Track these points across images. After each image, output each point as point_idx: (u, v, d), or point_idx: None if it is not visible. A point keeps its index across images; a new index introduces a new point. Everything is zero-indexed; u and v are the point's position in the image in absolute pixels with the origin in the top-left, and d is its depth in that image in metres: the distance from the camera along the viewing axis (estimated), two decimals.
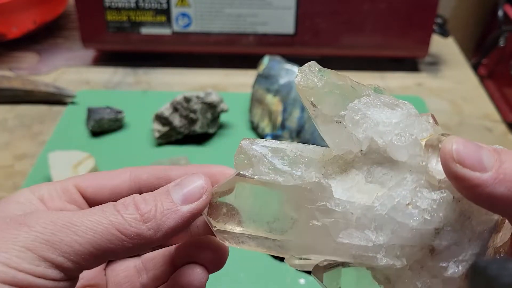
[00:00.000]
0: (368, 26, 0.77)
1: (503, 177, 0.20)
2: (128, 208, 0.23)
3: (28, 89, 0.71)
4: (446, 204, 0.22)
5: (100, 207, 0.24)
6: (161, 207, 0.24)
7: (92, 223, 0.22)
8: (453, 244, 0.23)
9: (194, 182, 0.25)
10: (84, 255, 0.22)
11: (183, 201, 0.25)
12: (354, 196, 0.23)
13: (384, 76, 0.80)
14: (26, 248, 0.21)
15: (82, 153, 0.57)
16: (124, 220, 0.23)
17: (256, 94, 0.66)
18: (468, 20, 1.25)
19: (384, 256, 0.23)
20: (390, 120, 0.24)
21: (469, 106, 0.74)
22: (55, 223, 0.22)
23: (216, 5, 0.76)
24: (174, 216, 0.24)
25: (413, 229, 0.22)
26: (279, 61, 0.68)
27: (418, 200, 0.22)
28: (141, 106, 0.71)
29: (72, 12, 0.92)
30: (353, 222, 0.23)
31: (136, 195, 0.25)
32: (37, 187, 0.27)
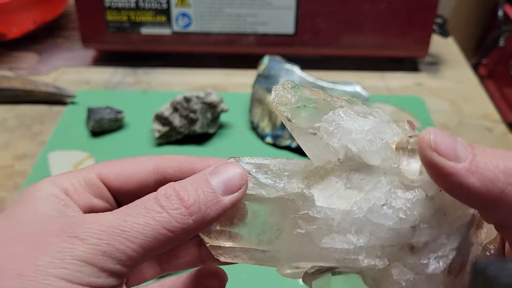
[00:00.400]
0: (368, 26, 0.77)
1: (475, 169, 0.21)
2: (172, 202, 0.23)
3: (28, 89, 0.71)
4: (420, 202, 0.23)
5: (142, 203, 0.23)
6: (204, 198, 0.23)
7: (141, 226, 0.22)
8: (431, 241, 0.23)
9: (232, 170, 0.25)
10: (137, 258, 0.22)
11: (224, 190, 0.24)
12: (335, 202, 0.24)
13: (384, 76, 0.81)
14: (85, 262, 0.21)
15: (82, 153, 0.57)
16: (171, 217, 0.23)
17: (256, 94, 0.66)
18: (468, 20, 1.25)
19: (365, 257, 0.24)
20: (362, 127, 0.25)
21: (469, 106, 0.74)
22: (106, 232, 0.22)
23: (216, 5, 0.76)
24: (216, 207, 0.24)
25: (390, 229, 0.23)
26: (279, 61, 0.68)
27: (392, 200, 0.23)
28: (141, 106, 0.71)
29: (72, 12, 0.92)
30: (335, 227, 0.24)
31: (175, 184, 0.24)
32: (58, 179, 0.26)
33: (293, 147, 0.62)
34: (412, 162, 0.24)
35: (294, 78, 0.65)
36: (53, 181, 0.26)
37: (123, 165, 0.28)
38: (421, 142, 0.22)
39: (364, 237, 0.24)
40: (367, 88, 0.66)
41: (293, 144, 0.62)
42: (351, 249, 0.24)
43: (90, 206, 0.27)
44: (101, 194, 0.27)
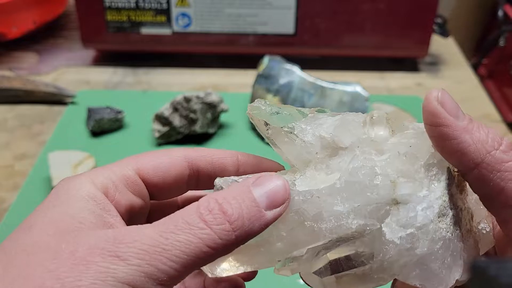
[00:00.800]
0: (368, 26, 0.77)
1: (470, 129, 0.23)
2: (215, 217, 0.22)
3: (28, 89, 0.71)
4: (394, 160, 0.25)
5: (183, 217, 0.22)
6: (248, 212, 0.22)
7: (183, 245, 0.21)
8: (413, 194, 0.24)
9: (276, 183, 0.24)
10: (177, 276, 0.21)
11: (267, 205, 0.23)
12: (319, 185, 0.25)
13: (384, 76, 0.81)
14: (127, 284, 0.20)
15: (82, 153, 0.57)
16: (214, 234, 0.22)
17: (256, 94, 0.66)
18: (468, 20, 1.25)
19: (354, 219, 0.24)
20: (331, 121, 0.27)
21: (469, 106, 0.74)
22: (148, 252, 0.21)
23: (216, 5, 0.76)
24: (260, 222, 0.23)
25: (371, 187, 0.24)
26: (279, 61, 0.68)
27: (368, 163, 0.25)
28: (141, 106, 0.71)
29: (72, 12, 0.92)
30: (322, 204, 0.25)
31: (217, 196, 0.23)
32: (96, 175, 0.25)
33: None
34: (380, 130, 0.26)
35: (294, 78, 0.65)
36: (92, 178, 0.25)
37: (159, 159, 0.27)
38: (428, 95, 0.24)
39: (349, 202, 0.24)
40: (367, 88, 0.66)
41: None
42: (339, 216, 0.25)
43: (130, 205, 0.26)
44: (140, 191, 0.27)
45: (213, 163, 0.28)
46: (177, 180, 0.27)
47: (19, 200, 0.55)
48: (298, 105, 0.63)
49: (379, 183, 0.24)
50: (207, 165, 0.28)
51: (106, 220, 0.24)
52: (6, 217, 0.53)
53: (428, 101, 0.23)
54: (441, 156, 0.25)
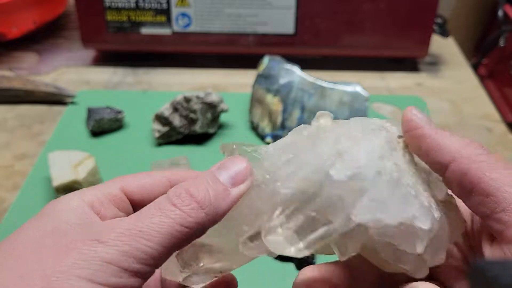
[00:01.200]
0: (368, 26, 0.77)
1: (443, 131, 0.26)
2: (183, 199, 0.24)
3: (28, 89, 0.71)
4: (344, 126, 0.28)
5: (156, 205, 0.24)
6: (214, 191, 0.25)
7: (157, 225, 0.23)
8: (354, 145, 0.26)
9: (237, 164, 0.26)
10: (157, 256, 0.23)
11: (232, 183, 0.25)
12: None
13: (384, 76, 0.80)
14: (107, 262, 0.22)
15: (82, 153, 0.57)
16: (184, 213, 0.24)
17: (256, 94, 0.66)
18: (468, 20, 1.25)
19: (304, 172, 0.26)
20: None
21: (469, 106, 0.74)
22: (125, 233, 0.23)
23: (216, 5, 0.76)
24: (227, 199, 0.25)
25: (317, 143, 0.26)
26: (279, 61, 0.68)
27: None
28: (141, 106, 0.71)
29: (72, 12, 0.92)
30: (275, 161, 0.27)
31: (184, 183, 0.25)
32: (84, 193, 0.27)
33: None
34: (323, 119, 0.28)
35: (294, 78, 0.65)
36: (80, 195, 0.27)
37: (142, 179, 0.29)
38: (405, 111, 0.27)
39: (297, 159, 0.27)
40: (367, 88, 0.66)
41: None
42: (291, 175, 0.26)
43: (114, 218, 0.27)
44: (124, 207, 0.28)
45: None
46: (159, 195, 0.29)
47: (19, 200, 0.55)
48: (298, 105, 0.63)
49: (322, 144, 0.26)
50: None
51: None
52: (6, 217, 0.53)
53: (405, 113, 0.26)
54: None
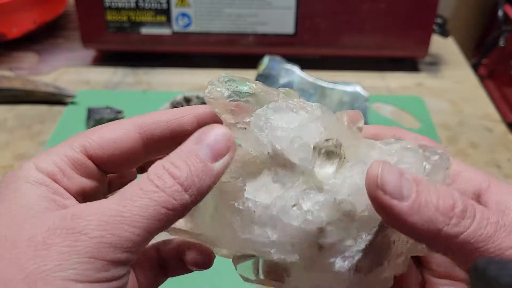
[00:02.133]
0: (368, 26, 0.77)
1: (417, 207, 0.22)
2: (166, 180, 0.22)
3: (28, 89, 0.71)
4: (329, 206, 0.24)
5: (138, 185, 0.22)
6: (195, 169, 0.23)
7: (141, 209, 0.21)
8: (338, 242, 0.24)
9: (216, 133, 0.24)
10: (141, 242, 0.22)
11: (212, 158, 0.23)
12: (261, 195, 0.25)
13: (384, 76, 0.80)
14: (93, 257, 0.20)
15: None
16: (168, 196, 0.22)
17: None
18: (468, 20, 1.25)
19: (276, 252, 0.25)
20: (288, 125, 0.25)
21: (469, 106, 0.74)
22: (108, 222, 0.21)
23: (216, 5, 0.76)
24: (209, 176, 0.23)
25: (297, 228, 0.24)
26: (279, 61, 0.68)
27: (303, 202, 0.24)
28: (141, 106, 0.71)
29: (72, 12, 0.92)
30: (256, 219, 0.25)
31: (163, 162, 0.23)
32: (40, 162, 0.24)
33: None
34: (326, 165, 0.25)
35: (294, 78, 0.65)
36: (36, 165, 0.24)
37: (106, 134, 0.26)
38: (368, 178, 0.22)
39: (277, 233, 0.25)
40: (367, 88, 0.66)
41: None
42: (266, 242, 0.25)
43: (81, 189, 0.25)
44: (90, 173, 0.25)
45: (169, 128, 0.27)
46: (130, 153, 0.26)
47: None
48: None
49: (306, 228, 0.24)
50: (163, 130, 0.26)
51: (60, 203, 0.23)
52: None
53: (368, 185, 0.22)
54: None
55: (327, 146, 0.24)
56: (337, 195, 0.24)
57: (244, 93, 0.26)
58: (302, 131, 0.25)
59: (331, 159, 0.25)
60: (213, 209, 0.27)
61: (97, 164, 0.26)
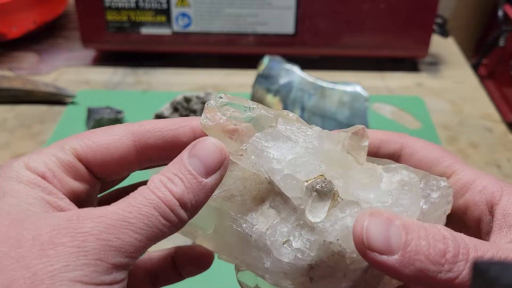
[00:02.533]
0: (368, 26, 0.77)
1: (407, 260, 0.21)
2: (165, 194, 0.22)
3: (28, 89, 0.71)
4: (318, 246, 0.24)
5: (141, 194, 0.22)
6: (190, 186, 0.23)
7: (145, 217, 0.22)
8: (328, 276, 0.25)
9: (210, 149, 0.24)
10: (142, 248, 0.22)
11: (205, 173, 0.24)
12: (258, 218, 0.26)
13: (384, 76, 0.80)
14: (99, 260, 0.20)
15: None
16: (168, 208, 0.22)
17: (256, 94, 0.66)
18: (468, 20, 1.25)
19: (270, 278, 0.26)
20: (284, 157, 0.25)
21: (469, 106, 0.74)
22: (115, 226, 0.21)
23: (216, 5, 0.75)
24: (203, 192, 0.24)
25: (288, 263, 0.25)
26: (279, 61, 0.68)
27: (294, 239, 0.25)
28: (141, 106, 0.71)
29: (72, 12, 0.92)
30: (252, 243, 0.25)
31: (161, 177, 0.23)
32: (30, 161, 0.23)
33: None
34: (318, 205, 0.24)
35: (294, 78, 0.65)
36: (26, 164, 0.23)
37: (99, 138, 0.25)
38: (354, 235, 0.22)
39: (270, 261, 0.25)
40: (367, 88, 0.66)
41: None
42: (261, 267, 0.25)
43: (71, 192, 0.25)
44: (81, 176, 0.25)
45: (164, 138, 0.26)
46: (122, 160, 0.26)
47: None
48: (298, 105, 0.63)
49: (297, 264, 0.24)
50: (158, 140, 0.26)
51: (55, 204, 0.23)
52: None
53: (355, 242, 0.22)
54: None
55: (320, 186, 0.24)
56: (327, 237, 0.24)
57: (242, 118, 0.26)
58: (296, 166, 0.25)
59: (323, 200, 0.24)
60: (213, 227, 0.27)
61: (88, 168, 0.25)
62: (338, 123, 0.61)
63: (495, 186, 0.26)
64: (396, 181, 0.25)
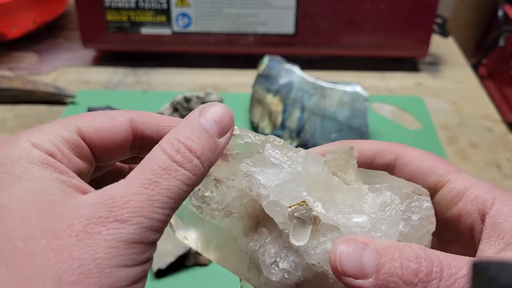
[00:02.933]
0: (368, 26, 0.77)
1: (382, 282, 0.22)
2: (184, 155, 0.22)
3: (28, 89, 0.71)
4: (303, 267, 0.26)
5: (156, 163, 0.22)
6: (208, 145, 0.24)
7: (168, 191, 0.22)
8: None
9: (221, 110, 0.25)
10: (169, 219, 0.22)
11: (219, 133, 0.24)
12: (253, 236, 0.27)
13: (384, 76, 0.80)
14: (136, 242, 0.21)
15: None
16: (189, 172, 0.22)
17: (256, 94, 0.66)
18: (468, 20, 1.25)
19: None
20: (270, 183, 0.26)
21: (469, 106, 0.74)
22: (143, 207, 0.21)
23: (216, 5, 0.76)
24: (218, 151, 0.24)
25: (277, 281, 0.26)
26: (279, 61, 0.68)
27: (280, 260, 0.26)
28: (141, 106, 0.71)
29: (72, 12, 0.92)
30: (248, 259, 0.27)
31: (178, 135, 0.23)
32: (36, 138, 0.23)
33: None
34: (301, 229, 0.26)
35: (294, 78, 0.65)
36: (32, 142, 0.23)
37: (102, 122, 0.25)
38: (330, 262, 0.23)
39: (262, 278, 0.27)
40: (367, 88, 0.66)
41: (293, 144, 0.62)
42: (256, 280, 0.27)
43: (78, 170, 0.25)
44: (85, 155, 0.25)
45: (159, 131, 0.27)
46: (120, 144, 0.26)
47: None
48: (299, 105, 0.63)
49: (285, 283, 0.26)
50: (153, 132, 0.27)
51: (71, 183, 0.23)
52: None
53: (331, 266, 0.23)
54: None
55: (299, 214, 0.26)
56: (309, 260, 0.25)
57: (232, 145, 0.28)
58: (281, 192, 0.26)
59: (305, 225, 0.26)
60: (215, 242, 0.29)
61: (91, 148, 0.25)
62: (338, 123, 0.61)
63: (487, 195, 0.26)
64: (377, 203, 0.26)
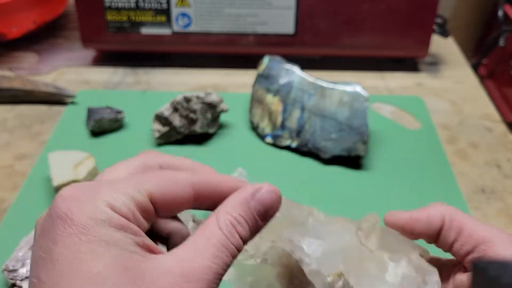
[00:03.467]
0: (368, 26, 0.77)
1: None
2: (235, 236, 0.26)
3: (28, 89, 0.71)
4: None
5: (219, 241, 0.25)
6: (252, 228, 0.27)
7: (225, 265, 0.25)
8: None
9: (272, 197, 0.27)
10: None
11: (264, 220, 0.27)
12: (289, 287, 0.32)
13: (384, 76, 0.80)
14: None
15: (82, 153, 0.57)
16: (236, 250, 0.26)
17: (256, 94, 0.66)
18: (468, 20, 1.25)
19: None
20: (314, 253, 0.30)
21: (469, 106, 0.74)
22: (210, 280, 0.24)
23: (216, 5, 0.76)
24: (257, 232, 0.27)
25: None
26: (279, 61, 0.68)
27: None
28: (141, 106, 0.71)
29: (72, 12, 0.92)
30: None
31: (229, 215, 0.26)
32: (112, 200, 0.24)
33: (293, 147, 0.62)
34: None
35: (294, 78, 0.65)
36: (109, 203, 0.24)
37: (167, 183, 0.27)
38: None
39: None
40: (367, 88, 0.66)
41: (293, 144, 0.62)
42: None
43: (144, 230, 0.26)
44: (149, 216, 0.26)
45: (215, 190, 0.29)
46: (181, 207, 0.28)
47: (19, 200, 0.55)
48: (299, 105, 0.63)
49: None
50: (209, 192, 0.28)
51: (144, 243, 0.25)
52: (5, 217, 0.53)
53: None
54: None
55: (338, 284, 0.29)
56: None
57: None
58: (322, 264, 0.30)
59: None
60: (248, 282, 0.32)
61: (156, 210, 0.27)
62: (338, 123, 0.61)
63: (486, 236, 0.29)
64: (399, 274, 0.30)
